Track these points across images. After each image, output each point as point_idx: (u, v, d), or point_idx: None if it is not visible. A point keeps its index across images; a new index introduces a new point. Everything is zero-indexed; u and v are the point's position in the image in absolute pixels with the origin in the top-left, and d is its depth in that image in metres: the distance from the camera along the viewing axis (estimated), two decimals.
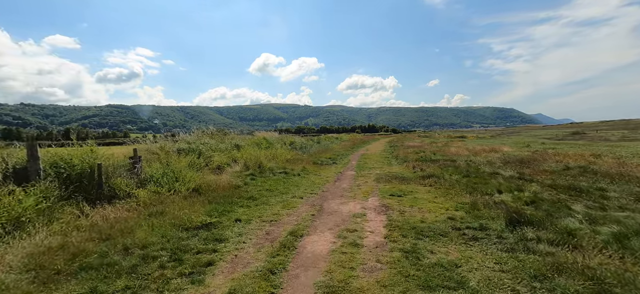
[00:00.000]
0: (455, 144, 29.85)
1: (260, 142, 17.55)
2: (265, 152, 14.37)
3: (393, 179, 10.27)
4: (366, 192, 8.24)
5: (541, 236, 3.89)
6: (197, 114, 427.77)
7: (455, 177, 10.00)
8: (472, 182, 8.81)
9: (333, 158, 18.17)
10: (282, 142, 21.61)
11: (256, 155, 12.05)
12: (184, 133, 12.81)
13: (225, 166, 10.64)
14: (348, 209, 6.49)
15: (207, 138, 13.14)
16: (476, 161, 14.28)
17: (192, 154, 10.36)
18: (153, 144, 10.53)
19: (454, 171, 11.36)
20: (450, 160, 15.30)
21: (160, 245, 3.98)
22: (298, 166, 13.19)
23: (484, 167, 11.90)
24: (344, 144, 33.72)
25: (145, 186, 6.87)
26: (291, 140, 24.12)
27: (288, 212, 6.11)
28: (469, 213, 5.71)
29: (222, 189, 7.62)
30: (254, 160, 11.59)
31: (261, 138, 18.60)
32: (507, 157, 14.89)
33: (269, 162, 13.13)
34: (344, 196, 7.82)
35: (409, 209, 6.36)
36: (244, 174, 9.94)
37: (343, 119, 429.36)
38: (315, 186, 9.23)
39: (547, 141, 30.23)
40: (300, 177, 10.63)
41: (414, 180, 9.89)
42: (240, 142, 15.02)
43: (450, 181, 9.18)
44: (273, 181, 9.53)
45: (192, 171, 8.05)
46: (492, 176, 9.78)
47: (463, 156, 16.95)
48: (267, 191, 8.11)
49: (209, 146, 11.97)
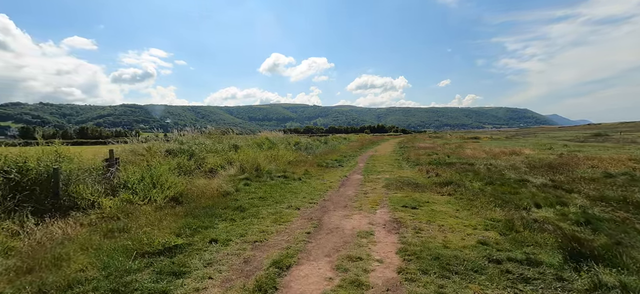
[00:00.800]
0: (469, 145, 28.27)
1: (262, 142, 16.57)
2: (266, 154, 13.36)
3: (405, 185, 9.09)
4: (374, 201, 7.10)
5: (628, 282, 2.69)
6: (208, 114, 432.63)
7: (477, 184, 8.75)
8: (498, 192, 7.57)
9: (339, 160, 17.04)
10: (286, 143, 20.59)
11: (254, 157, 11.05)
12: (178, 132, 11.90)
13: (218, 168, 9.66)
14: (352, 225, 5.37)
15: (204, 138, 12.22)
16: (497, 165, 12.92)
17: (182, 156, 9.42)
18: (140, 144, 9.63)
19: (474, 177, 10.09)
20: (468, 163, 13.97)
21: (95, 283, 2.95)
22: (300, 168, 12.12)
23: (509, 172, 10.57)
24: (352, 145, 32.52)
25: (117, 193, 5.91)
26: (296, 140, 23.09)
27: (278, 229, 5.03)
28: (504, 235, 4.52)
29: (208, 197, 6.61)
30: (251, 162, 10.58)
31: (263, 138, 17.62)
32: (531, 161, 13.47)
33: (269, 164, 12.11)
34: (348, 207, 6.70)
35: (427, 226, 5.20)
36: (238, 179, 8.93)
37: (352, 119, 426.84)
38: (317, 192, 8.14)
39: (569, 143, 28.34)
40: (301, 182, 9.56)
41: (429, 187, 8.68)
42: (240, 143, 14.05)
43: (472, 189, 7.94)
44: (269, 186, 8.48)
45: (175, 176, 7.07)
46: (521, 183, 8.49)
47: (481, 159, 15.58)
48: (260, 199, 7.05)
49: (204, 147, 11.02)
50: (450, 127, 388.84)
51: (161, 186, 6.24)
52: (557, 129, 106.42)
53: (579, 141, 32.97)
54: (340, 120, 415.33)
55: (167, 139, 11.05)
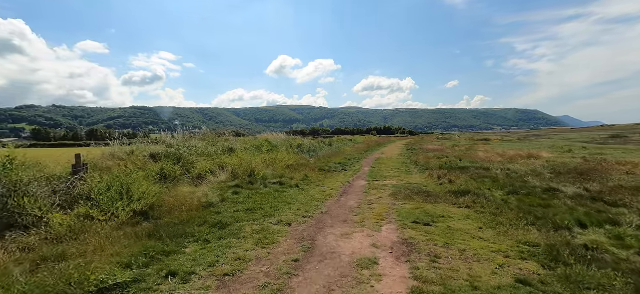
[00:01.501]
0: (480, 147, 26.93)
1: (261, 145, 15.66)
2: (264, 157, 12.43)
3: (415, 194, 8.04)
4: (380, 215, 6.08)
5: None
6: (215, 116, 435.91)
7: (498, 194, 7.65)
8: (526, 204, 6.47)
9: (343, 163, 16.02)
10: (288, 145, 19.66)
11: (248, 161, 10.12)
12: (168, 133, 11.04)
13: (208, 174, 8.76)
14: (352, 248, 4.37)
15: (196, 140, 11.35)
16: (516, 170, 11.75)
17: (168, 160, 8.54)
18: (123, 146, 8.78)
19: (492, 185, 8.97)
20: (483, 168, 12.82)
21: None
22: (299, 173, 11.15)
23: (532, 179, 9.42)
24: (357, 147, 31.45)
25: (75, 206, 5.03)
26: (299, 142, 22.15)
27: (260, 255, 4.06)
28: (550, 269, 3.46)
29: (185, 210, 5.68)
30: (245, 167, 9.66)
31: (263, 140, 16.71)
32: (554, 166, 12.25)
33: (266, 169, 11.17)
34: (348, 222, 5.70)
35: (445, 251, 4.17)
36: (228, 186, 8.00)
37: (358, 121, 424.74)
38: (314, 203, 7.15)
39: (588, 145, 26.76)
40: (298, 190, 8.58)
41: (443, 197, 7.61)
42: (236, 146, 13.16)
43: (493, 200, 6.85)
44: (261, 195, 7.52)
45: (152, 184, 6.17)
46: (550, 194, 7.36)
47: (496, 163, 14.38)
48: (247, 212, 6.10)
49: (195, 150, 10.15)
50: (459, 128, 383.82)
51: (129, 198, 5.34)
52: (569, 130, 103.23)
53: (598, 143, 31.27)
54: (347, 121, 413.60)
55: (155, 141, 10.22)
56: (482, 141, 39.94)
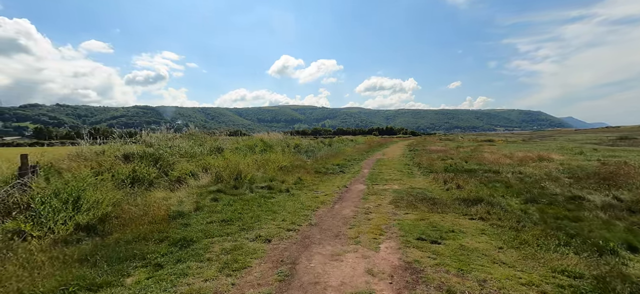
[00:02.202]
0: (485, 149, 25.92)
1: (254, 144, 14.76)
2: (255, 158, 11.53)
3: (419, 201, 7.10)
4: (378, 228, 5.15)
5: None
6: (217, 115, 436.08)
7: (514, 202, 6.69)
8: (549, 216, 5.52)
9: (342, 165, 15.10)
10: (284, 145, 18.76)
11: (236, 162, 9.22)
12: (157, 130, 10.13)
13: (188, 177, 7.86)
14: (341, 276, 3.45)
15: (180, 140, 10.46)
16: (529, 174, 10.78)
17: (143, 161, 7.65)
18: (94, 145, 7.90)
19: (506, 191, 8.02)
20: (492, 171, 11.85)
21: None
22: (292, 176, 10.25)
23: (549, 185, 8.45)
24: (358, 148, 30.51)
25: (7, 218, 4.14)
26: (296, 142, 21.24)
27: (221, 288, 3.15)
28: None
29: (147, 222, 4.77)
30: (231, 169, 8.76)
31: (257, 140, 15.81)
32: (570, 170, 11.26)
33: (256, 171, 10.28)
34: (341, 237, 4.78)
35: (459, 281, 3.24)
36: (208, 191, 7.10)
37: (360, 121, 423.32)
38: (304, 211, 6.23)
39: (598, 147, 25.67)
40: (288, 195, 7.67)
41: (451, 205, 6.66)
42: (227, 145, 12.26)
43: (511, 210, 5.90)
44: (244, 202, 6.60)
45: (110, 190, 5.27)
46: (576, 203, 6.40)
47: (506, 166, 13.40)
48: (223, 223, 5.18)
49: (178, 150, 9.26)
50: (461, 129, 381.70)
51: (77, 207, 4.44)
52: (573, 131, 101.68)
53: (607, 145, 30.15)
54: (349, 122, 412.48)
55: (134, 141, 9.34)
56: (486, 142, 38.83)
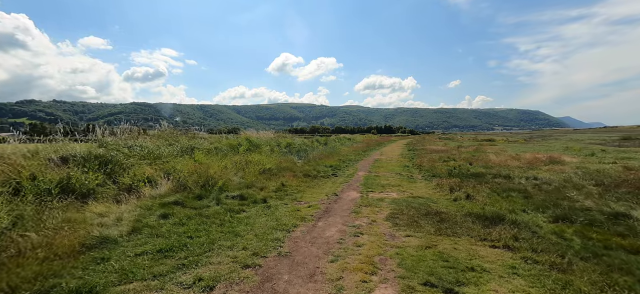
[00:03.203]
0: (488, 148, 24.62)
1: (238, 144, 13.37)
2: (234, 160, 10.16)
3: (422, 216, 5.76)
4: (369, 262, 3.81)
5: None
6: (216, 113, 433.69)
7: (541, 220, 5.35)
8: (596, 244, 4.20)
9: (335, 167, 13.75)
10: (275, 144, 17.39)
11: (206, 166, 7.85)
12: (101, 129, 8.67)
13: (142, 184, 6.48)
14: None
15: (144, 138, 9.06)
16: (545, 179, 9.46)
17: (86, 165, 6.27)
18: (22, 144, 6.51)
19: (525, 202, 6.69)
20: (501, 176, 10.53)
21: None
22: (275, 181, 8.88)
23: (576, 195, 7.13)
24: (355, 147, 29.17)
25: None
26: (288, 141, 19.86)
27: None
28: None
29: (35, 259, 3.40)
30: (200, 174, 7.39)
31: (242, 139, 14.41)
32: (590, 175, 9.95)
33: (234, 175, 8.91)
34: (316, 279, 3.43)
35: None
36: (160, 203, 5.73)
37: (359, 120, 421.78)
38: (275, 232, 4.88)
39: (607, 148, 24.43)
40: (263, 208, 6.30)
41: (463, 223, 5.32)
42: (204, 145, 10.87)
43: (544, 235, 4.57)
44: (201, 220, 5.23)
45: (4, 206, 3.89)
46: (621, 222, 5.08)
47: (515, 169, 12.10)
48: (158, 255, 3.83)
49: (138, 151, 7.88)
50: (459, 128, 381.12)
51: None
52: (572, 131, 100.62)
53: (613, 146, 28.92)
54: (348, 120, 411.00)
55: (83, 139, 7.93)
56: (487, 142, 37.56)
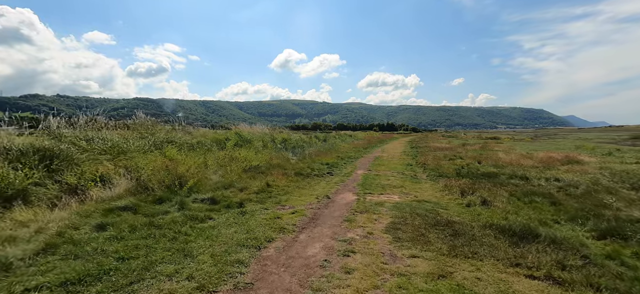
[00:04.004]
0: (495, 147, 23.32)
1: (226, 139, 12.25)
2: (216, 157, 9.04)
3: (431, 228, 4.63)
4: None
5: None
6: (218, 109, 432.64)
7: (582, 234, 4.21)
8: None
9: (332, 164, 12.62)
10: (269, 139, 16.26)
11: (176, 162, 6.73)
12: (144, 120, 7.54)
13: (90, 184, 5.38)
14: None
15: (110, 130, 7.96)
16: (569, 181, 8.28)
17: (22, 160, 5.18)
18: None
19: (554, 211, 5.54)
20: (517, 176, 9.36)
21: None
22: (260, 180, 7.76)
23: (614, 201, 5.96)
24: (356, 144, 27.99)
25: None
26: (284, 136, 18.74)
27: None
28: None
29: None
30: (167, 172, 6.28)
31: (232, 133, 13.28)
32: (619, 176, 8.75)
33: (213, 173, 7.80)
34: None
35: None
36: (107, 208, 4.63)
37: (361, 117, 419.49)
38: (240, 251, 3.76)
39: (622, 147, 23.10)
40: (236, 214, 5.18)
41: (483, 239, 4.18)
42: (183, 139, 9.76)
43: (598, 261, 3.44)
44: (149, 232, 4.12)
45: None
46: None
47: (530, 169, 10.91)
48: (58, 290, 2.73)
49: (101, 144, 6.78)
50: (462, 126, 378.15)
51: None
52: (576, 130, 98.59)
53: (626, 145, 27.55)
54: (350, 117, 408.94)
55: (24, 130, 6.82)
56: (493, 140, 36.17)
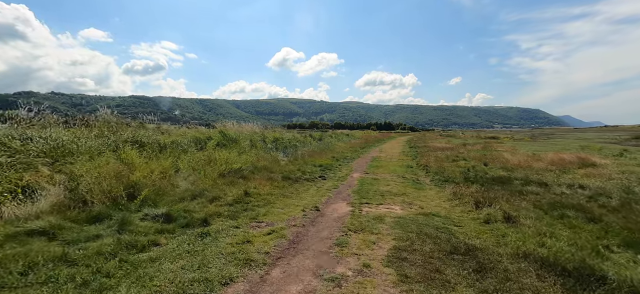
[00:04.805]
0: (497, 147, 22.22)
1: (208, 138, 11.02)
2: (189, 159, 7.83)
3: (446, 258, 3.48)
4: None
5: None
6: (215, 107, 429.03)
7: None
8: None
9: (326, 166, 11.44)
10: (259, 138, 15.05)
11: (130, 166, 5.52)
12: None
13: (5, 197, 4.17)
14: None
15: (61, 129, 6.72)
16: (596, 188, 7.19)
17: None
18: None
19: (598, 230, 4.42)
20: (533, 182, 8.24)
21: None
22: (238, 187, 6.58)
23: None
24: (353, 143, 26.83)
25: None
26: (276, 135, 17.53)
27: None
28: None
29: None
30: (120, 178, 5.07)
31: (216, 132, 12.03)
32: None
33: (184, 179, 6.60)
34: None
35: None
36: (7, 234, 3.42)
37: (359, 116, 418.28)
38: None
39: (630, 148, 22.15)
40: (193, 237, 4.00)
41: (523, 280, 3.03)
42: (154, 138, 8.52)
43: None
44: (52, 273, 2.93)
45: None
46: None
47: (544, 172, 9.82)
48: None
49: (40, 145, 5.57)
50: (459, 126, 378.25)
51: None
52: (573, 130, 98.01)
53: (630, 145, 26.62)
54: (347, 116, 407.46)
55: None
56: (492, 139, 35.16)
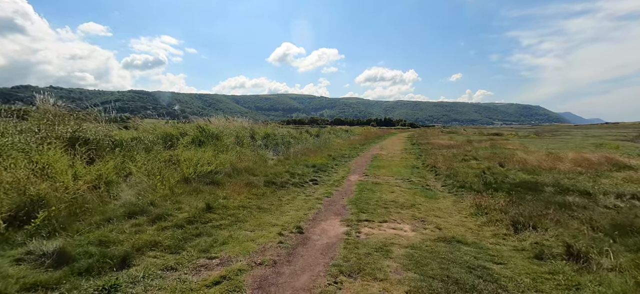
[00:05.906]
0: (506, 145, 20.68)
1: (180, 134, 9.50)
2: (152, 159, 6.32)
3: None
4: None
5: None
6: (215, 102, 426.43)
7: None
8: None
9: (321, 167, 9.93)
10: (247, 135, 13.52)
11: (43, 172, 4.03)
12: None
13: None
14: None
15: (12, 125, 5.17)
16: None
17: None
18: None
19: None
20: (570, 189, 6.77)
21: None
22: (199, 199, 5.10)
23: None
24: (352, 140, 25.31)
25: None
26: (267, 132, 15.99)
27: None
28: None
29: None
30: (16, 191, 3.58)
31: (192, 127, 10.49)
32: None
33: (131, 187, 5.12)
34: None
35: None
36: None
37: (359, 112, 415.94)
38: None
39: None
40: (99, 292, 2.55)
41: None
42: (104, 132, 7.00)
43: None
44: None
45: None
46: None
47: (575, 176, 8.36)
48: None
49: None
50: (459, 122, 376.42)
51: None
52: (574, 127, 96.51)
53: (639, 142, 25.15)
54: (347, 112, 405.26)
55: None
56: (497, 136, 33.60)
